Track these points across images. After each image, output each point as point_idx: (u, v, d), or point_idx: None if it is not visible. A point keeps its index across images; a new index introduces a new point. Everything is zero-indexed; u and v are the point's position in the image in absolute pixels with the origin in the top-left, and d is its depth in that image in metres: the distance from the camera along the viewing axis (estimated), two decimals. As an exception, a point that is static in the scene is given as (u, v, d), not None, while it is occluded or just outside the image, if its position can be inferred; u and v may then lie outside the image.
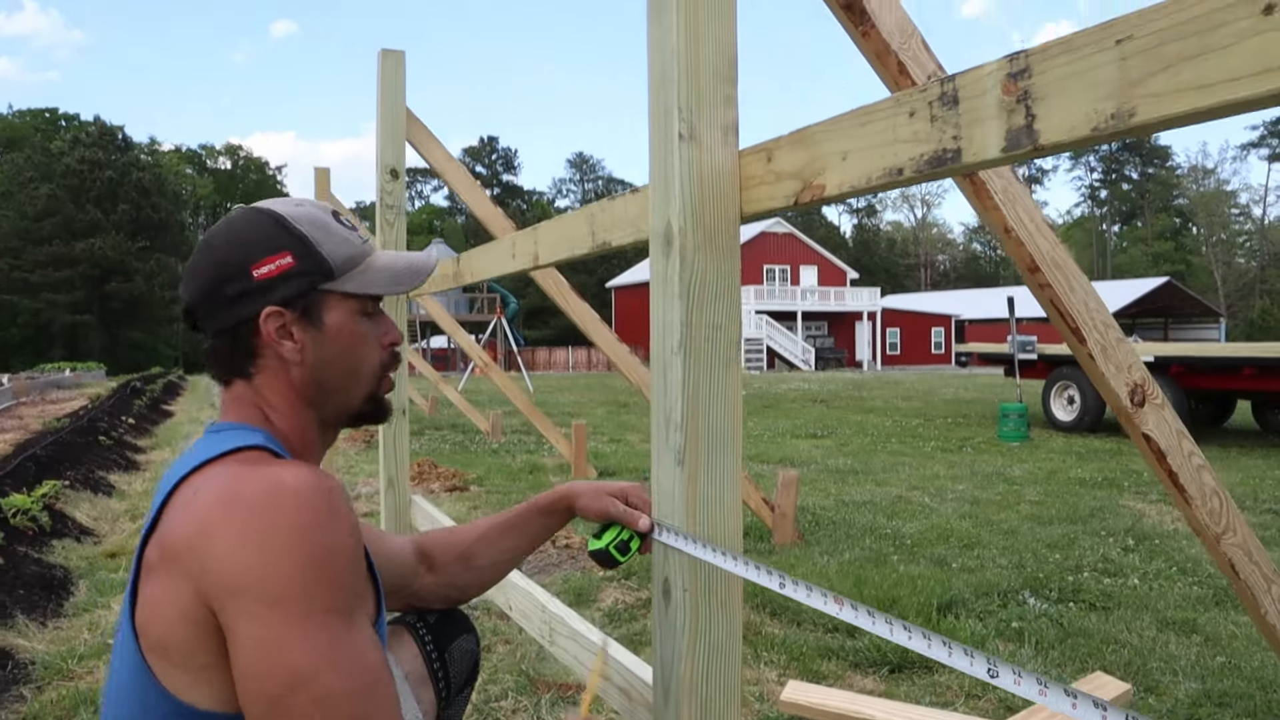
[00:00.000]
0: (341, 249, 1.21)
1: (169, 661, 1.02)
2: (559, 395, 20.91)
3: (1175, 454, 2.21)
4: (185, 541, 1.01)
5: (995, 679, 0.95)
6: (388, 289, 1.23)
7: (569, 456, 8.32)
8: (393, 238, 4.12)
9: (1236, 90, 0.81)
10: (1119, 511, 6.12)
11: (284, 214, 1.21)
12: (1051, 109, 0.98)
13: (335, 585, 1.01)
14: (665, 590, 1.55)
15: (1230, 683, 2.95)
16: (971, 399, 18.26)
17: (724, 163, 1.49)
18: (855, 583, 4.23)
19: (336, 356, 1.21)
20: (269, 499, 1.01)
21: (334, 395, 1.23)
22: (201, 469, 1.08)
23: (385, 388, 1.29)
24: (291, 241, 1.19)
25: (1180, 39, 0.85)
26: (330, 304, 1.21)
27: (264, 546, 0.98)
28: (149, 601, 1.03)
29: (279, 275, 1.17)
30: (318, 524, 1.01)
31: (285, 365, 1.20)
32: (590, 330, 4.76)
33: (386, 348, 1.27)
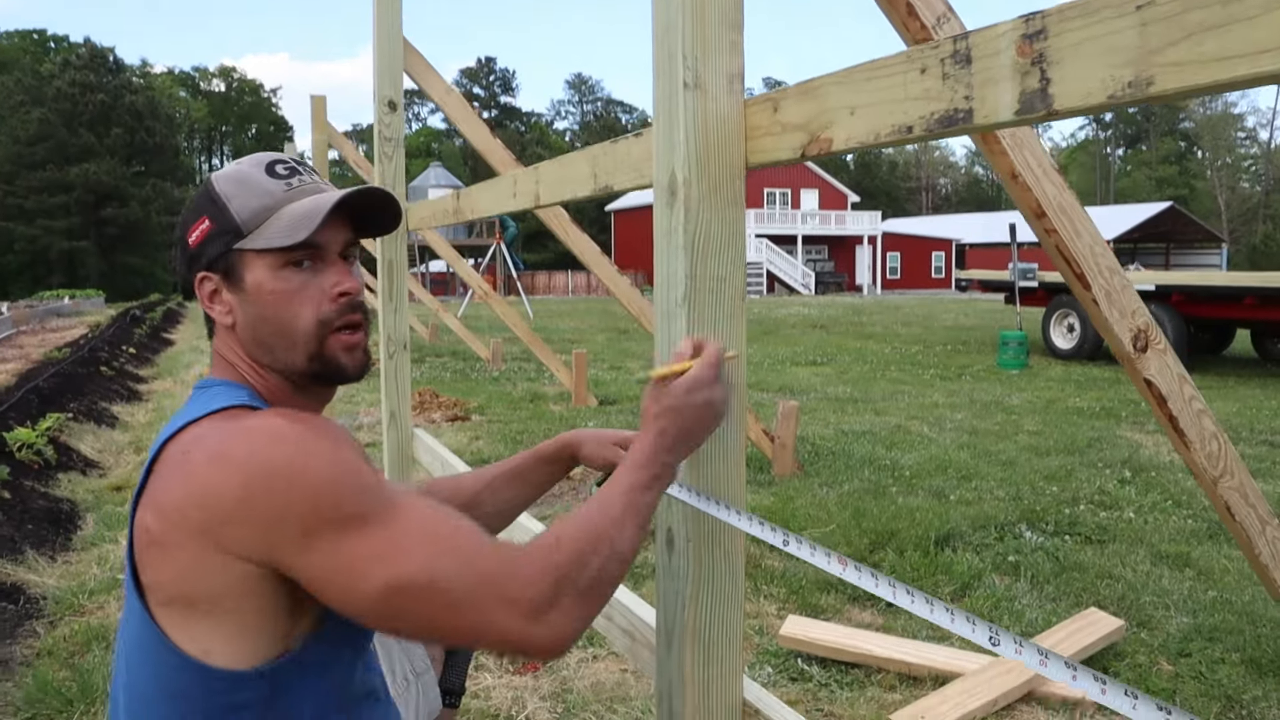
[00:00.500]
0: (253, 202, 1.16)
1: (193, 612, 1.03)
2: (559, 321, 20.90)
3: (1176, 399, 2.21)
4: (191, 502, 1.01)
5: (996, 647, 0.97)
6: (283, 240, 1.14)
7: (569, 385, 8.35)
8: (391, 170, 4.07)
9: (1261, 64, 0.79)
10: (1116, 442, 6.16)
11: (216, 176, 1.20)
12: (1067, 73, 0.96)
13: (362, 479, 1.03)
14: (668, 540, 1.56)
15: (1221, 617, 3.00)
16: (971, 325, 18.26)
17: (729, 112, 1.46)
18: (854, 515, 4.28)
19: (262, 315, 1.17)
20: (265, 440, 1.02)
21: (276, 354, 1.18)
22: (188, 428, 1.09)
23: (336, 345, 1.19)
24: (209, 205, 1.18)
25: (1204, 7, 0.82)
26: (247, 262, 1.16)
27: (271, 489, 0.99)
28: (163, 564, 1.04)
29: (202, 240, 1.18)
30: (310, 447, 1.02)
31: (227, 328, 1.20)
32: (591, 262, 4.73)
33: (335, 299, 1.18)
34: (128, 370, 10.01)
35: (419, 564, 0.99)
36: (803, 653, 2.81)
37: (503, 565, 1.02)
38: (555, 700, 2.56)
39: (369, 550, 0.99)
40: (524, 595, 1.01)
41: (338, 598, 1.01)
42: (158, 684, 1.06)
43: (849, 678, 2.67)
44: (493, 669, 2.74)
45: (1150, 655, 2.77)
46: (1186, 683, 2.58)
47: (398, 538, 1.00)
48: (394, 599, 0.99)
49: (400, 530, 1.01)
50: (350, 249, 1.22)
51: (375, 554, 0.99)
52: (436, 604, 0.99)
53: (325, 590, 1.01)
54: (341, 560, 0.99)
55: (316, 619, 1.09)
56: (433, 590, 0.99)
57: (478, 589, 1.00)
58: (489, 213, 3.01)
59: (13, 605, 3.06)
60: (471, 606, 1.00)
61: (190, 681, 1.04)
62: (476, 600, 1.00)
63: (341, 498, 1.00)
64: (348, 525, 0.99)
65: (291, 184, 1.19)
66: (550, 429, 6.81)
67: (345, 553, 0.99)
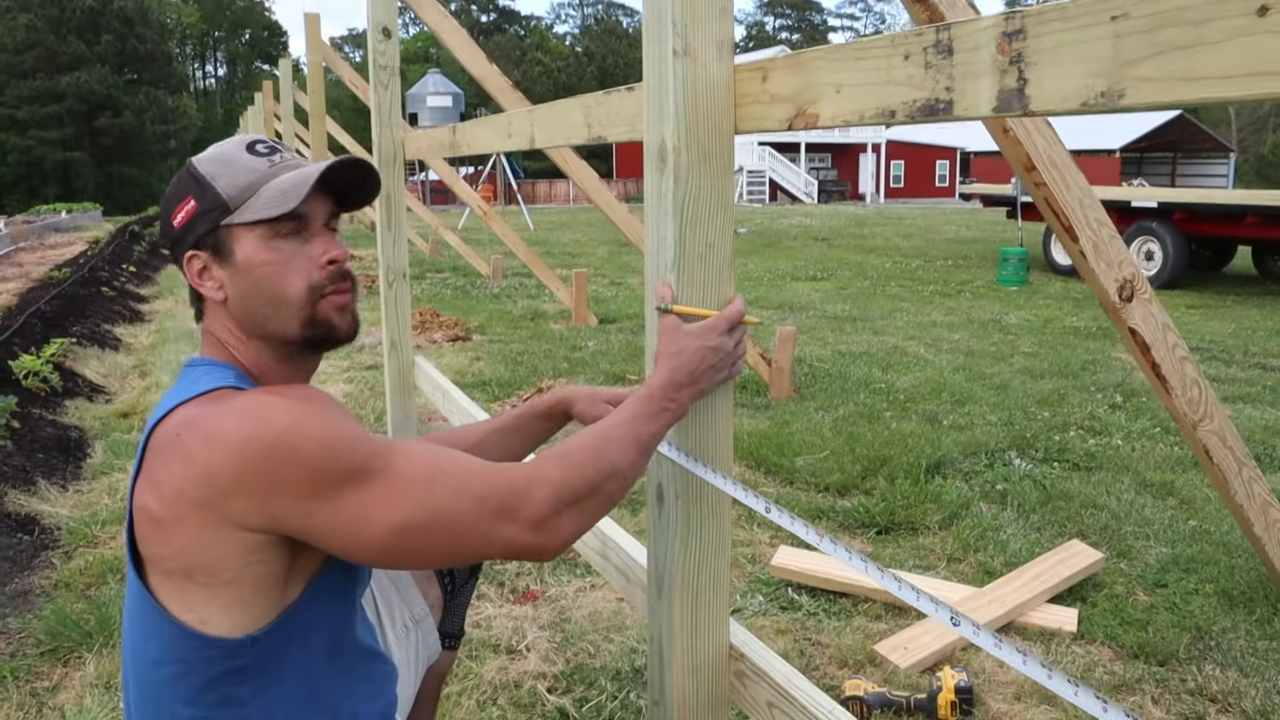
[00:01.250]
0: (239, 179, 1.20)
1: (191, 582, 1.09)
2: (559, 234, 20.81)
3: (1159, 346, 2.25)
4: (190, 482, 1.07)
5: (957, 628, 1.03)
6: (274, 210, 1.19)
7: (569, 303, 8.38)
8: (387, 99, 4.04)
9: (1224, 89, 0.81)
10: (1110, 365, 6.22)
11: (196, 160, 1.24)
12: (1044, 75, 0.98)
13: (355, 435, 1.10)
14: (659, 495, 1.63)
15: (1199, 548, 3.10)
16: (973, 238, 18.18)
17: (719, 79, 1.48)
18: (848, 440, 4.36)
19: (254, 287, 1.21)
20: (250, 420, 1.08)
21: (267, 324, 1.23)
22: (175, 411, 1.13)
23: (327, 308, 1.24)
24: (193, 185, 1.22)
25: (1175, 25, 0.84)
26: (236, 236, 1.20)
27: (267, 461, 1.05)
28: (166, 537, 1.10)
29: (189, 220, 1.22)
30: (298, 416, 1.09)
31: (218, 304, 1.24)
32: (590, 189, 4.72)
33: (324, 267, 1.23)
34: (129, 290, 10.03)
35: (416, 502, 1.08)
36: (793, 582, 2.91)
37: (499, 481, 1.11)
38: (554, 629, 2.66)
39: (368, 501, 1.07)
40: (524, 507, 1.11)
41: (346, 548, 1.09)
42: (158, 650, 1.13)
43: (836, 607, 2.77)
44: (494, 598, 2.84)
45: (1128, 585, 2.87)
46: (1160, 613, 2.68)
47: (393, 483, 1.08)
48: (403, 537, 1.08)
49: (394, 475, 1.09)
50: (333, 220, 1.28)
51: (375, 502, 1.07)
52: (442, 531, 1.09)
53: (333, 544, 1.09)
54: (344, 515, 1.06)
55: (307, 583, 1.16)
56: (436, 520, 1.08)
57: (476, 508, 1.09)
58: (484, 149, 3.02)
59: (28, 536, 3.16)
60: (474, 525, 1.09)
61: (187, 648, 1.11)
62: (477, 519, 1.09)
63: (335, 458, 1.07)
64: (345, 481, 1.06)
65: (273, 160, 1.24)
66: (550, 349, 6.86)
67: (346, 507, 1.06)
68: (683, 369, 1.29)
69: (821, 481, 3.83)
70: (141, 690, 1.16)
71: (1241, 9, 0.79)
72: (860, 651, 2.50)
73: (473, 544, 1.11)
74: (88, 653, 2.46)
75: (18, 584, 2.87)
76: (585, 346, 7.00)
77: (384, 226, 3.88)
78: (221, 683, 1.12)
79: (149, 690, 1.15)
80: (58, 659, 2.46)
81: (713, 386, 1.36)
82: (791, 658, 2.48)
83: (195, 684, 1.12)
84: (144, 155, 52.15)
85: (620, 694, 2.31)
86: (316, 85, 6.56)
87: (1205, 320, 8.36)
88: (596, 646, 2.57)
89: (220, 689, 1.12)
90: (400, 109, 4.14)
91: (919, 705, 2.21)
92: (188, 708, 1.12)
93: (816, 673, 2.43)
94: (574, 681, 2.38)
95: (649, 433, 1.27)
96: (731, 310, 1.37)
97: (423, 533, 1.08)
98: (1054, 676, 0.89)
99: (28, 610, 2.73)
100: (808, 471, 3.93)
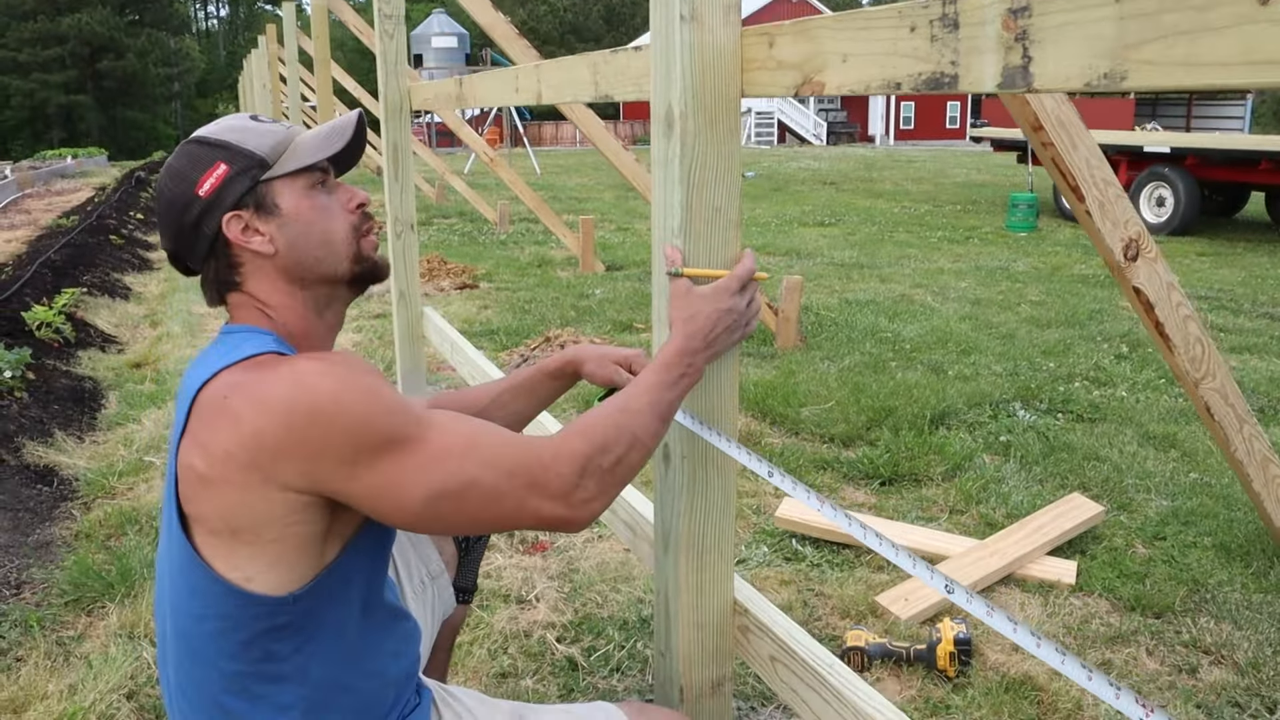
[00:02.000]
0: (265, 140, 1.27)
1: (237, 540, 1.13)
2: (565, 178, 20.67)
3: (1163, 305, 2.27)
4: (239, 443, 1.11)
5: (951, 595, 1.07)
6: (321, 153, 1.29)
7: (576, 250, 8.37)
8: (393, 49, 4.01)
9: (1224, 75, 0.82)
10: (1117, 314, 6.22)
11: (203, 134, 1.29)
12: (1048, 54, 0.98)
13: (394, 405, 1.14)
14: (665, 455, 1.66)
15: (1199, 501, 3.13)
16: (983, 183, 18.03)
17: (725, 43, 1.48)
18: (853, 390, 4.39)
19: (304, 232, 1.28)
20: (297, 386, 1.12)
21: (319, 267, 1.30)
22: (220, 374, 1.17)
23: (368, 247, 1.34)
24: (218, 152, 1.26)
25: (1178, 10, 0.85)
26: (278, 189, 1.27)
27: (314, 425, 1.10)
28: (211, 498, 1.14)
29: (221, 183, 1.25)
30: (342, 384, 1.13)
31: (264, 259, 1.28)
32: (597, 140, 4.71)
33: (354, 210, 1.33)
34: (137, 238, 10.03)
35: (452, 470, 1.13)
36: (797, 533, 2.96)
37: (528, 456, 1.16)
38: (563, 580, 2.72)
39: (407, 467, 1.12)
40: (551, 480, 1.16)
41: (386, 511, 1.14)
42: (202, 607, 1.17)
43: (839, 558, 2.82)
44: (504, 549, 2.90)
45: (1127, 538, 2.91)
46: (1158, 566, 2.72)
47: (431, 451, 1.13)
48: (437, 504, 1.13)
49: (432, 444, 1.14)
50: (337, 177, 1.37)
51: (414, 469, 1.12)
52: (474, 501, 1.14)
53: (375, 507, 1.13)
54: (385, 479, 1.12)
55: (345, 543, 1.21)
56: (468, 490, 1.13)
57: (506, 481, 1.14)
58: (490, 103, 3.02)
59: (47, 487, 3.22)
60: (504, 496, 1.15)
61: (232, 605, 1.15)
62: (507, 490, 1.14)
63: (376, 425, 1.11)
64: (385, 448, 1.11)
65: (285, 125, 1.31)
66: (558, 297, 6.88)
67: (387, 472, 1.11)
68: (698, 334, 1.32)
69: (827, 432, 3.87)
70: (184, 644, 1.21)
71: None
72: (862, 602, 2.55)
73: (504, 514, 1.16)
74: (110, 603, 2.53)
75: (40, 534, 2.93)
76: (592, 294, 7.02)
77: (391, 178, 3.88)
78: (264, 639, 1.17)
79: (193, 644, 1.20)
80: (81, 609, 2.53)
81: (728, 347, 1.38)
82: (795, 609, 2.54)
83: (239, 639, 1.16)
84: (147, 98, 51.78)
85: (628, 643, 2.37)
86: (321, 31, 6.50)
87: (1215, 268, 8.32)
88: (604, 597, 2.62)
89: (263, 645, 1.17)
90: (406, 57, 4.11)
91: (918, 656, 2.26)
92: (233, 662, 1.17)
93: (819, 623, 2.48)
94: (582, 631, 2.44)
95: (668, 400, 1.30)
96: (742, 269, 1.39)
97: (455, 500, 1.13)
98: (1042, 645, 0.92)
99: (50, 561, 2.79)
100: (813, 422, 3.97)
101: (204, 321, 6.15)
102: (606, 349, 1.72)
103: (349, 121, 1.32)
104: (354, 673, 1.25)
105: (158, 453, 3.61)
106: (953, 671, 2.22)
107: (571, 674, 2.26)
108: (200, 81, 58.94)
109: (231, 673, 1.19)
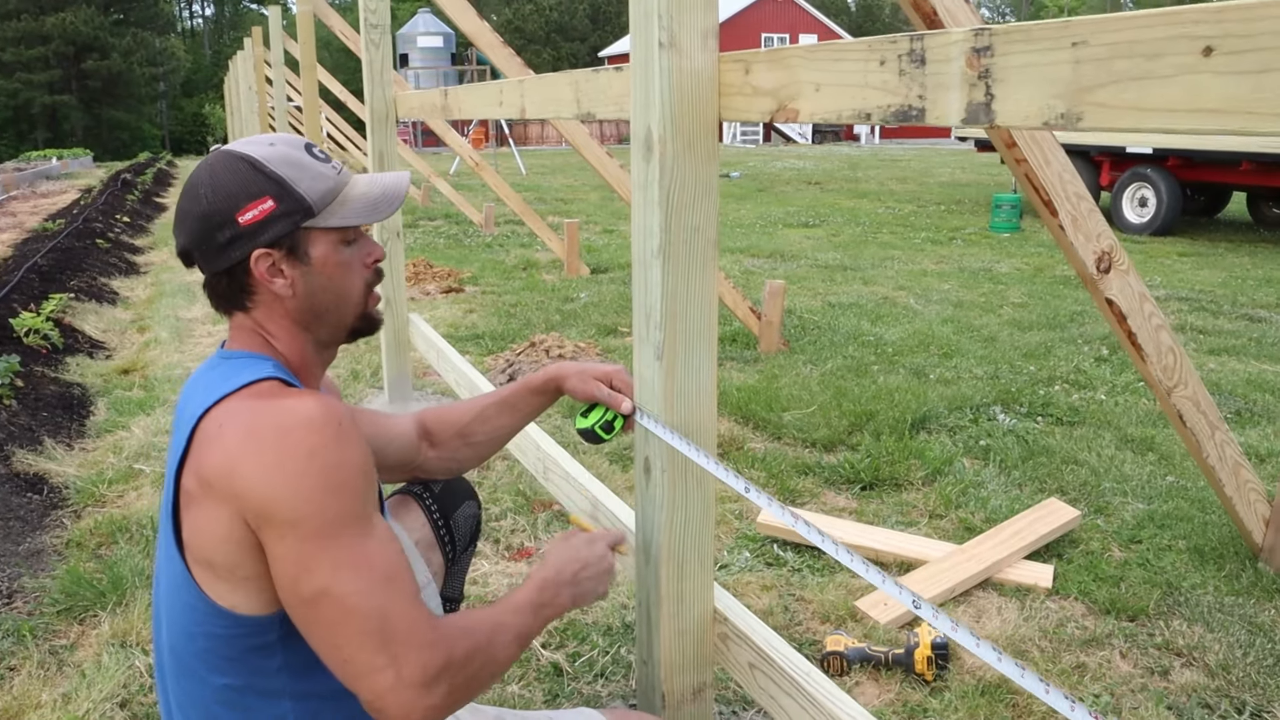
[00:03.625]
0: (318, 184, 1.29)
1: (214, 574, 1.18)
2: (551, 178, 20.67)
3: (1136, 316, 2.32)
4: (217, 473, 1.15)
5: (918, 609, 1.11)
6: (366, 218, 1.32)
7: (561, 254, 8.40)
8: (379, 58, 4.04)
9: (1171, 120, 0.86)
10: (1097, 317, 6.28)
11: (259, 158, 1.28)
12: (1009, 93, 1.02)
13: (349, 496, 1.16)
14: (646, 468, 1.71)
15: (1174, 504, 3.19)
16: (967, 182, 18.13)
17: (703, 69, 1.52)
18: (835, 395, 4.43)
19: (325, 286, 1.32)
20: (283, 430, 1.16)
21: (327, 318, 1.35)
22: (222, 402, 1.20)
23: (373, 303, 1.41)
24: (270, 186, 1.27)
25: (1129, 57, 0.89)
26: (314, 239, 1.30)
27: (283, 474, 1.13)
28: (194, 524, 1.18)
29: (264, 219, 1.26)
30: (326, 446, 1.16)
31: (279, 299, 1.31)
32: (582, 148, 4.74)
33: (370, 266, 1.37)
34: (124, 241, 10.01)
35: (352, 589, 1.12)
36: (779, 539, 3.01)
37: (411, 631, 1.13)
38: (549, 586, 2.75)
39: (324, 558, 1.12)
40: (409, 668, 1.12)
41: (279, 581, 1.15)
42: (193, 624, 1.22)
43: (820, 564, 2.86)
44: (490, 556, 2.93)
45: (1103, 542, 2.96)
46: (1133, 569, 2.78)
47: (352, 560, 1.13)
48: (317, 606, 1.12)
49: (357, 555, 1.14)
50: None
51: (326, 563, 1.12)
52: (347, 628, 1.12)
53: (274, 571, 1.15)
54: (301, 554, 1.12)
55: None
56: (347, 616, 1.12)
57: (376, 636, 1.12)
58: (475, 114, 3.06)
59: (38, 496, 3.24)
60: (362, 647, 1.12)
61: (219, 625, 1.20)
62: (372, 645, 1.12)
63: (328, 509, 1.13)
64: (321, 531, 1.12)
65: (336, 167, 1.34)
66: (543, 300, 6.91)
67: (306, 551, 1.12)
68: (556, 581, 1.42)
69: (808, 437, 3.91)
70: (177, 659, 1.25)
71: (1189, 47, 0.84)
72: (842, 607, 2.60)
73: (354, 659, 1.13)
74: (102, 611, 2.55)
75: (31, 543, 2.95)
76: (578, 298, 7.05)
77: (377, 187, 3.91)
78: (251, 655, 1.21)
79: (184, 660, 1.24)
80: (73, 618, 2.55)
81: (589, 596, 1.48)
82: (776, 613, 2.58)
83: (226, 656, 1.21)
84: (132, 98, 51.53)
85: (611, 649, 2.41)
86: (306, 36, 6.50)
87: (1196, 269, 8.41)
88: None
89: (250, 661, 1.22)
90: (392, 64, 4.14)
91: (897, 660, 2.31)
92: (223, 677, 1.22)
93: (800, 628, 2.53)
94: (566, 637, 2.48)
95: (531, 630, 1.34)
96: (614, 533, 1.59)
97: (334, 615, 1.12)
98: (1003, 660, 0.97)
99: (42, 570, 2.81)
100: (795, 427, 4.01)
101: (191, 327, 6.16)
102: (587, 365, 1.76)
103: (400, 188, 1.37)
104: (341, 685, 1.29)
105: (148, 460, 3.63)
106: (930, 676, 2.27)
107: (556, 679, 2.30)
108: (185, 81, 58.63)
109: (222, 686, 1.23)
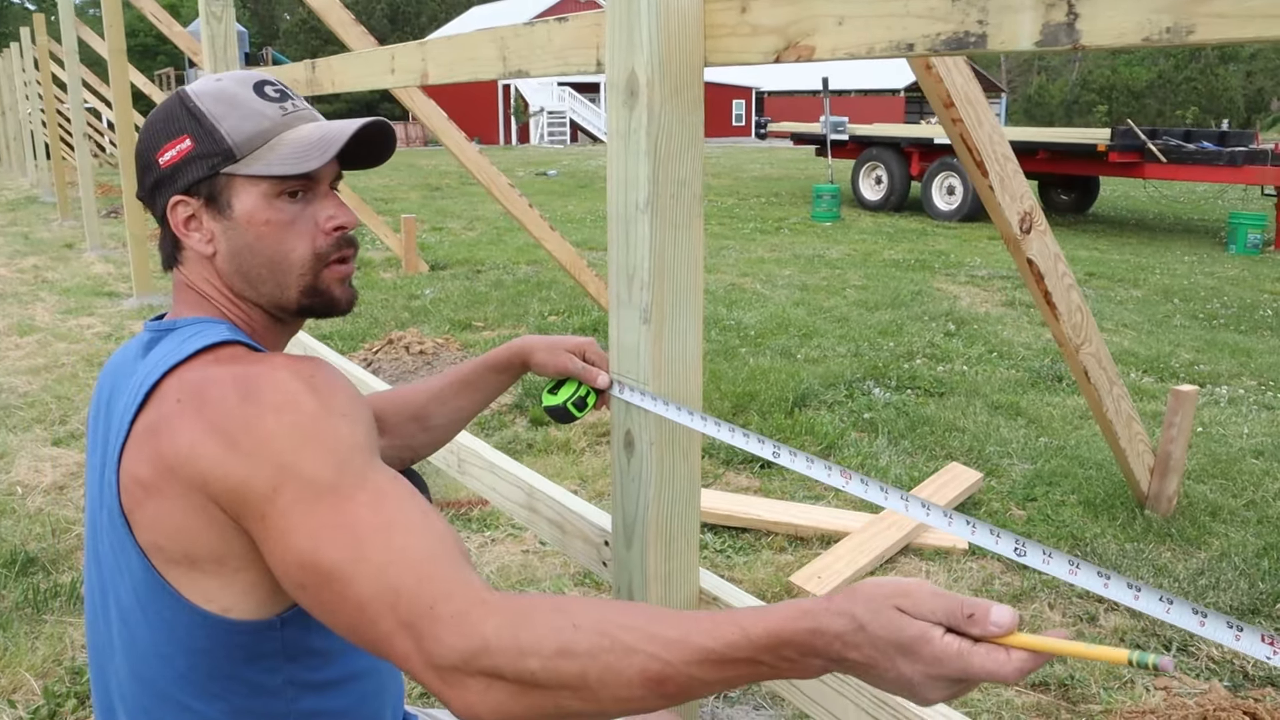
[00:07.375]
0: (246, 125, 1.07)
1: (199, 572, 0.98)
2: (366, 179, 19.94)
3: (1051, 276, 2.38)
4: (179, 456, 0.96)
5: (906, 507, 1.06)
6: (289, 167, 1.07)
7: (399, 251, 8.09)
8: (221, 32, 3.74)
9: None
10: (934, 295, 6.58)
11: (191, 93, 1.10)
12: (1099, 9, 0.97)
13: (338, 455, 0.95)
14: (628, 443, 1.59)
15: (1056, 463, 3.35)
16: (779, 176, 18.75)
17: (690, 8, 1.43)
18: (712, 378, 4.43)
19: (252, 245, 1.09)
20: (247, 399, 0.96)
21: (262, 287, 1.11)
22: (173, 372, 1.01)
23: (330, 278, 1.13)
24: (190, 123, 1.08)
25: (1256, -42, 0.85)
26: (236, 188, 1.08)
27: (251, 447, 0.94)
28: (157, 520, 0.98)
29: (180, 161, 1.08)
30: (297, 406, 0.96)
31: (204, 258, 1.11)
32: (440, 133, 4.54)
33: (330, 233, 1.11)
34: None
35: (342, 553, 0.89)
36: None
37: (432, 589, 0.87)
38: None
39: (312, 521, 0.91)
40: (427, 641, 0.85)
41: (267, 551, 0.94)
42: (170, 644, 1.01)
43: (740, 543, 2.82)
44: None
45: (1003, 502, 3.07)
46: (1037, 526, 2.88)
47: (343, 519, 0.91)
48: (303, 574, 0.91)
49: (351, 512, 0.92)
50: (337, 181, 1.16)
51: (319, 525, 0.91)
52: (344, 598, 0.89)
53: (268, 555, 0.94)
54: (288, 522, 0.92)
55: None
56: (336, 582, 0.89)
57: (379, 600, 0.87)
58: (357, 87, 2.83)
59: None
60: (376, 620, 0.88)
61: (210, 636, 1.00)
62: (379, 614, 0.87)
63: (318, 466, 0.93)
64: (306, 493, 0.92)
65: (285, 108, 1.10)
66: (387, 298, 6.61)
67: (294, 515, 0.91)
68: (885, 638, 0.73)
69: (697, 420, 3.88)
70: (145, 692, 1.04)
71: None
72: (776, 584, 2.56)
73: (372, 636, 0.88)
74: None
75: None
76: (423, 294, 6.78)
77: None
78: (249, 670, 1.02)
79: (156, 691, 1.03)
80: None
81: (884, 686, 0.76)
82: (713, 594, 2.52)
83: (218, 674, 1.01)
84: None
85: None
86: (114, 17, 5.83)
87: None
88: (514, 600, 2.51)
89: (247, 678, 1.02)
90: (235, 40, 3.83)
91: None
92: (211, 703, 1.02)
93: (740, 607, 2.48)
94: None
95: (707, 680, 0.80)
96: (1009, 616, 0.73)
97: (324, 583, 0.90)
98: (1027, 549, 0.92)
99: None
100: (682, 411, 3.97)
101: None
102: (556, 338, 1.62)
103: (343, 132, 1.08)
104: (345, 700, 1.12)
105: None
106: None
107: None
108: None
109: (212, 717, 1.04)
